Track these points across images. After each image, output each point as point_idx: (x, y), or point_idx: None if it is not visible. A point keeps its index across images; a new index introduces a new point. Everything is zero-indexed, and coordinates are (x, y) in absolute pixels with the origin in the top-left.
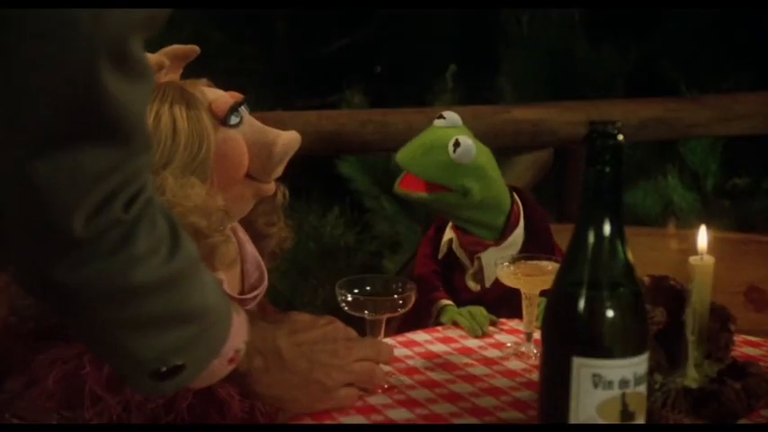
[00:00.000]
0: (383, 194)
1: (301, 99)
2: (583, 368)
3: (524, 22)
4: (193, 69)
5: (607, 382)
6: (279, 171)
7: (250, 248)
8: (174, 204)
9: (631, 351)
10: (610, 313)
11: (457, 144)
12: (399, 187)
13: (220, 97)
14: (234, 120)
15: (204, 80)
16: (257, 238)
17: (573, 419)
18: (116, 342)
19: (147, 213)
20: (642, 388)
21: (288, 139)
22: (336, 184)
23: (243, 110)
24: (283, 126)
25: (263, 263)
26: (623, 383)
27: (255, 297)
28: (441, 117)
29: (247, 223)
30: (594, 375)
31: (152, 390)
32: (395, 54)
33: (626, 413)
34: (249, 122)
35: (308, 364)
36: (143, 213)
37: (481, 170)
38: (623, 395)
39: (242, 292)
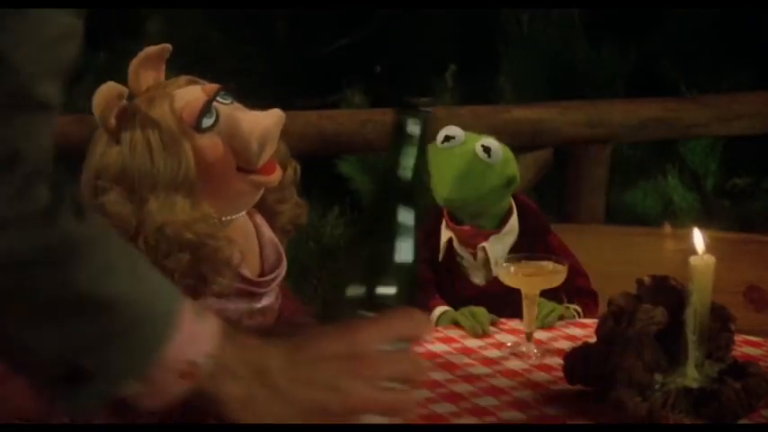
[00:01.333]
0: None
1: (301, 99)
2: None
3: (524, 22)
4: (194, 69)
5: None
6: (266, 155)
7: (267, 232)
8: (166, 225)
9: None
10: None
11: (486, 150)
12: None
13: (191, 101)
14: (207, 122)
15: (183, 78)
16: (268, 215)
17: None
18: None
19: (13, 170)
20: None
21: (263, 127)
22: (336, 184)
23: (219, 102)
24: (284, 126)
25: (280, 245)
26: None
27: (275, 278)
28: (447, 138)
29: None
30: None
31: (68, 399)
32: (395, 54)
33: None
34: (225, 116)
35: (306, 389)
36: (6, 168)
37: (507, 154)
38: None
39: (262, 274)
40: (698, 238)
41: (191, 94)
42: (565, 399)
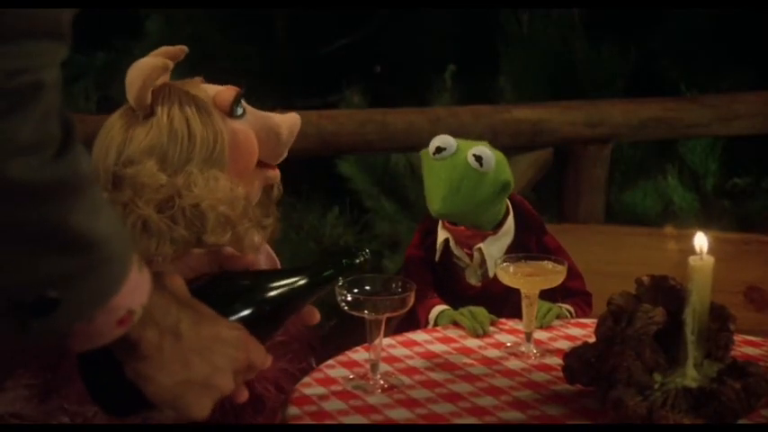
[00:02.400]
0: (383, 194)
1: (301, 99)
2: None
3: (524, 22)
4: (194, 69)
5: None
6: (285, 153)
7: (263, 252)
8: (204, 198)
9: None
10: None
11: (478, 158)
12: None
13: (221, 91)
14: (239, 111)
15: (198, 78)
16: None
17: None
18: None
19: (37, 98)
20: None
21: (291, 122)
22: (336, 184)
23: (242, 101)
24: None
25: (273, 254)
26: None
27: None
28: (438, 150)
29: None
30: None
31: (15, 329)
32: (395, 54)
33: None
34: (251, 112)
35: (207, 365)
36: (31, 96)
37: (500, 159)
38: None
39: None
40: (701, 241)
41: (218, 87)
42: (564, 398)
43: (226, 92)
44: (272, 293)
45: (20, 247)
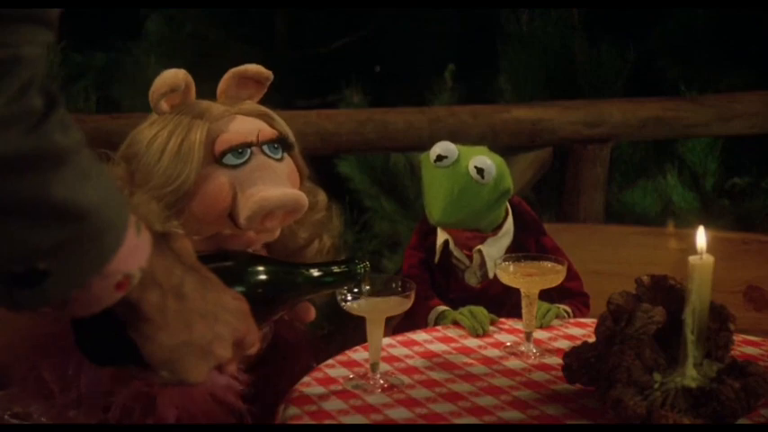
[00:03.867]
0: (383, 194)
1: (301, 99)
2: None
3: (524, 22)
4: (194, 69)
5: None
6: (254, 223)
7: None
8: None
9: None
10: None
11: (479, 171)
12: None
13: (232, 134)
14: (230, 160)
15: (261, 108)
16: (294, 250)
17: None
18: None
19: (13, 73)
20: None
21: (262, 197)
22: (336, 184)
23: (263, 152)
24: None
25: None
26: None
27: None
28: (439, 158)
29: (289, 233)
30: None
31: (4, 299)
32: (395, 54)
33: None
34: (254, 167)
35: (209, 331)
36: (7, 70)
37: (501, 165)
38: None
39: None
40: (701, 236)
41: (244, 126)
42: (564, 398)
43: (232, 137)
44: (265, 278)
45: (4, 220)
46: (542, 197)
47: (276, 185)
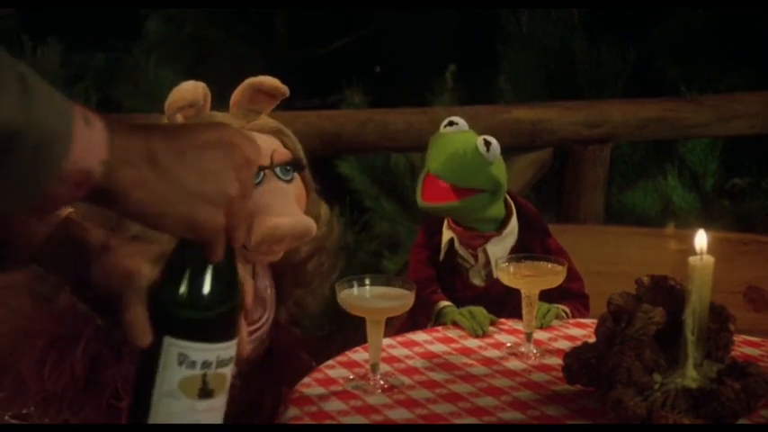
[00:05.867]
0: (383, 194)
1: (301, 99)
2: (171, 347)
3: (524, 22)
4: (194, 69)
5: (190, 362)
6: (261, 249)
7: (260, 285)
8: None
9: (216, 338)
10: (197, 304)
11: (487, 143)
12: (424, 202)
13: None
14: None
15: (276, 124)
16: (295, 264)
17: (157, 391)
18: None
19: None
20: (224, 370)
21: (279, 226)
22: (336, 184)
23: (274, 173)
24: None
25: (270, 301)
26: (205, 365)
27: (253, 332)
28: (450, 123)
29: (292, 249)
30: (180, 354)
31: None
32: (395, 54)
33: (205, 390)
34: (264, 192)
35: (196, 174)
36: None
37: (500, 162)
38: (204, 375)
39: None
40: (701, 238)
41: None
42: (564, 399)
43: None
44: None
45: None
46: (542, 197)
47: (287, 210)
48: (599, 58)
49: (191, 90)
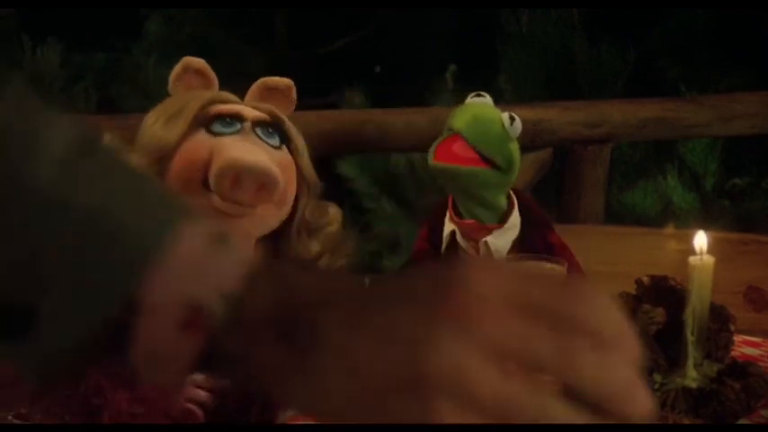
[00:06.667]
0: (383, 194)
1: (301, 99)
2: None
3: (524, 22)
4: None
5: None
6: (221, 187)
7: None
8: None
9: None
10: None
11: (512, 118)
12: (434, 161)
13: (227, 105)
14: (219, 128)
15: (267, 106)
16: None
17: None
18: None
19: None
20: None
21: (237, 158)
22: (336, 184)
23: (258, 135)
24: None
25: None
26: None
27: None
28: (478, 95)
29: (302, 244)
30: None
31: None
32: (395, 54)
33: None
34: (247, 139)
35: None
36: None
37: (517, 146)
38: None
39: None
40: (701, 240)
41: (243, 106)
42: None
43: (224, 107)
44: None
45: None
46: (542, 197)
47: (253, 153)
48: (599, 58)
49: (186, 58)
